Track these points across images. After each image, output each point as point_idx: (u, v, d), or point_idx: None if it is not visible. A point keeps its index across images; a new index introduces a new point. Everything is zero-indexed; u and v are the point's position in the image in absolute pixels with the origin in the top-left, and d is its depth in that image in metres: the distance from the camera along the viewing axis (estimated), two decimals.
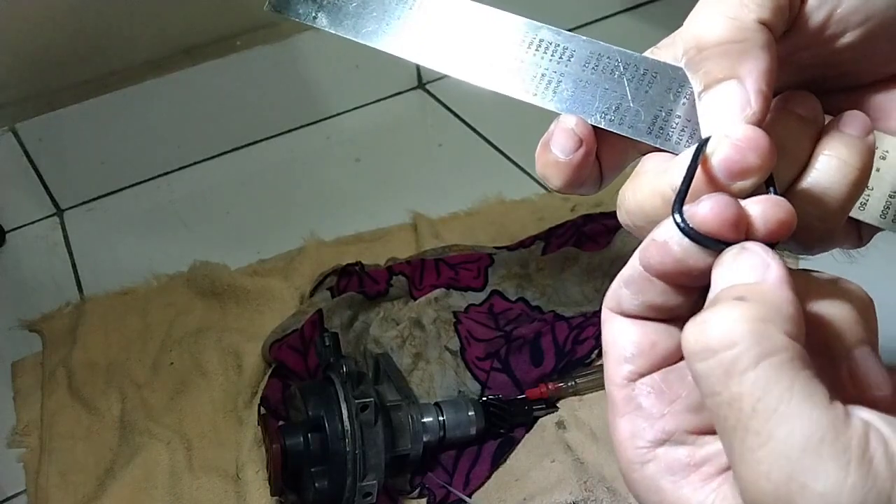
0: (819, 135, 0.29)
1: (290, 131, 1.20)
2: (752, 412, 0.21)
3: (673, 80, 0.30)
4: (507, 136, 1.14)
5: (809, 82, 0.31)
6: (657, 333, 0.27)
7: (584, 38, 0.31)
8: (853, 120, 0.29)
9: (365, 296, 0.87)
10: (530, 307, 0.87)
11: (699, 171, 0.26)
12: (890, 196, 0.30)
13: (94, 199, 1.13)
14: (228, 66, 1.11)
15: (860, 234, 0.31)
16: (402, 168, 1.11)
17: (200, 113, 1.13)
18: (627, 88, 0.30)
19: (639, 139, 0.30)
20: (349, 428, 0.67)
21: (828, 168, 0.28)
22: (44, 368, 0.90)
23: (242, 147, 1.18)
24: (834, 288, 0.26)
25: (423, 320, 0.84)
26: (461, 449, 0.76)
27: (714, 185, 0.26)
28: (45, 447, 0.82)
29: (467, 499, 0.73)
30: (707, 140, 0.27)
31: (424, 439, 0.73)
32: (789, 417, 0.21)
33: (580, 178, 0.31)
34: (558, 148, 0.32)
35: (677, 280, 0.26)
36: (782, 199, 0.25)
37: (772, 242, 0.25)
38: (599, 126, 0.31)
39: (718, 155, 0.26)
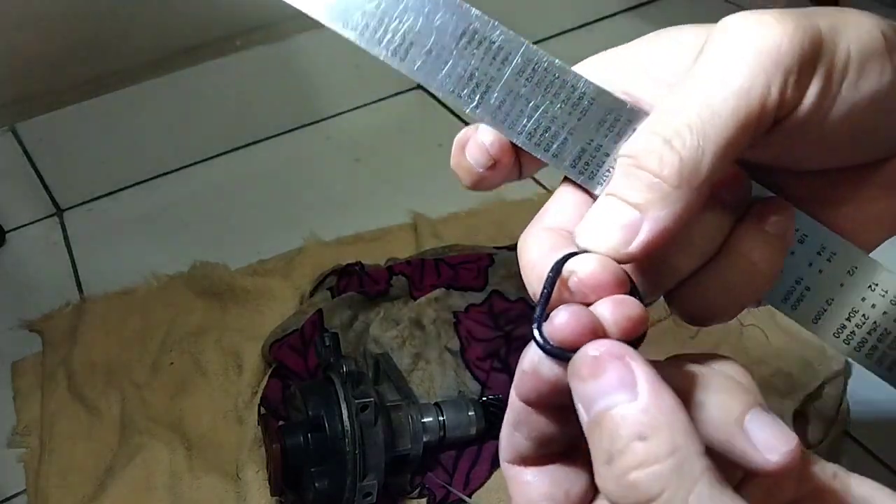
0: (734, 220, 0.28)
1: (290, 131, 1.20)
2: None
3: (610, 113, 0.27)
4: None
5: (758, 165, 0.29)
6: (567, 479, 0.26)
7: (525, 41, 0.27)
8: (775, 215, 0.27)
9: (365, 296, 0.87)
10: (531, 307, 0.87)
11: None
12: (796, 282, 0.28)
13: (94, 199, 1.13)
14: (228, 66, 1.11)
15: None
16: (402, 168, 1.11)
17: (200, 113, 1.13)
18: (560, 111, 0.27)
19: (560, 169, 0.28)
20: (349, 428, 0.67)
21: (736, 268, 0.27)
22: (44, 368, 0.90)
23: (242, 147, 1.18)
24: (706, 368, 0.26)
25: (423, 320, 0.84)
26: (461, 449, 0.76)
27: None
28: (45, 447, 0.82)
29: (467, 499, 0.73)
30: (566, 258, 0.25)
31: (424, 439, 0.73)
32: None
33: (491, 185, 0.31)
34: (472, 158, 0.31)
35: (561, 404, 0.25)
36: (628, 298, 0.25)
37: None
38: (520, 146, 0.28)
39: (573, 280, 0.25)
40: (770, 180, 0.29)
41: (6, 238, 1.09)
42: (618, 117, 0.27)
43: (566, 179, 0.29)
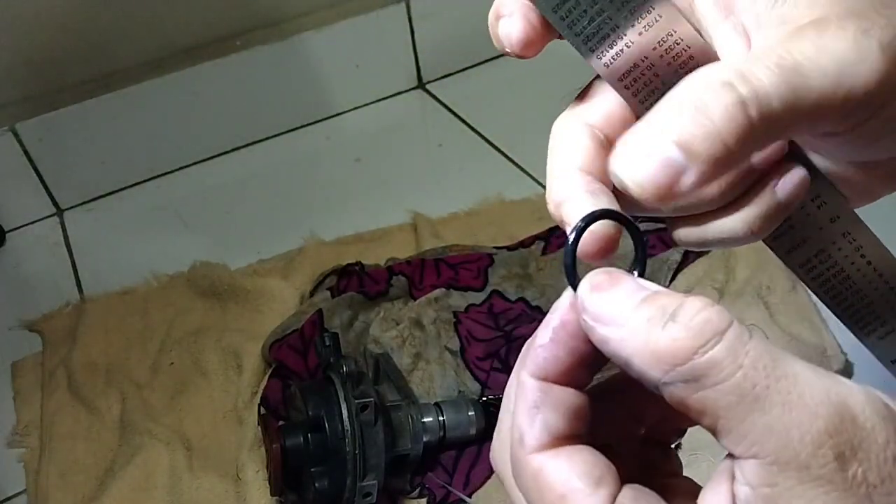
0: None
1: (290, 131, 1.20)
2: (772, 376, 0.22)
3: None
4: (507, 136, 1.14)
5: None
6: (595, 457, 0.26)
7: None
8: (789, 182, 0.28)
9: (365, 296, 0.87)
10: (530, 307, 0.87)
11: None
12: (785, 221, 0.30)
13: (94, 199, 1.13)
14: (228, 66, 1.11)
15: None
16: (402, 168, 1.11)
17: (200, 113, 1.13)
18: None
19: (572, 44, 0.29)
20: (349, 428, 0.67)
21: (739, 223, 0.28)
22: (44, 368, 0.90)
23: (242, 147, 1.18)
24: None
25: (423, 320, 0.84)
26: (461, 449, 0.76)
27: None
28: (45, 447, 0.82)
29: (467, 499, 0.73)
30: (592, 218, 0.26)
31: (424, 439, 0.73)
32: (803, 370, 0.22)
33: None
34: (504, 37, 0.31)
35: (584, 357, 0.26)
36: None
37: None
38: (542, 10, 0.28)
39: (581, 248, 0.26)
40: None
41: (6, 238, 1.09)
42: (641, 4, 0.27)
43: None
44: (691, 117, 0.23)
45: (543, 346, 0.26)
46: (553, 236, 0.93)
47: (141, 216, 1.10)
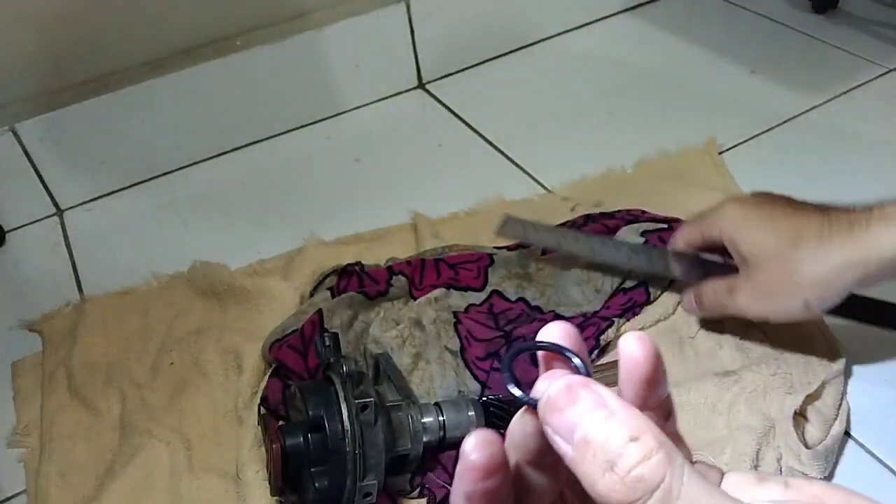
0: None
1: (290, 131, 1.20)
2: None
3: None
4: (507, 136, 1.14)
5: None
6: None
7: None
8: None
9: (365, 296, 0.87)
10: (530, 307, 0.87)
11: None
12: None
13: (94, 199, 1.13)
14: (228, 66, 1.11)
15: None
16: (402, 168, 1.11)
17: (200, 113, 1.13)
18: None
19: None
20: (349, 428, 0.67)
21: None
22: (44, 368, 0.90)
23: (242, 147, 1.18)
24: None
25: (423, 320, 0.84)
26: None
27: None
28: (45, 447, 0.82)
29: None
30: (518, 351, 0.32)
31: (424, 439, 0.73)
32: None
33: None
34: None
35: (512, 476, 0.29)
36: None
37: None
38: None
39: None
40: None
41: (6, 238, 1.09)
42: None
43: None
44: None
45: (480, 455, 0.27)
46: None
47: (141, 216, 1.10)
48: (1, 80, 1.03)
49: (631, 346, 0.28)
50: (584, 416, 0.26)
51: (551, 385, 0.27)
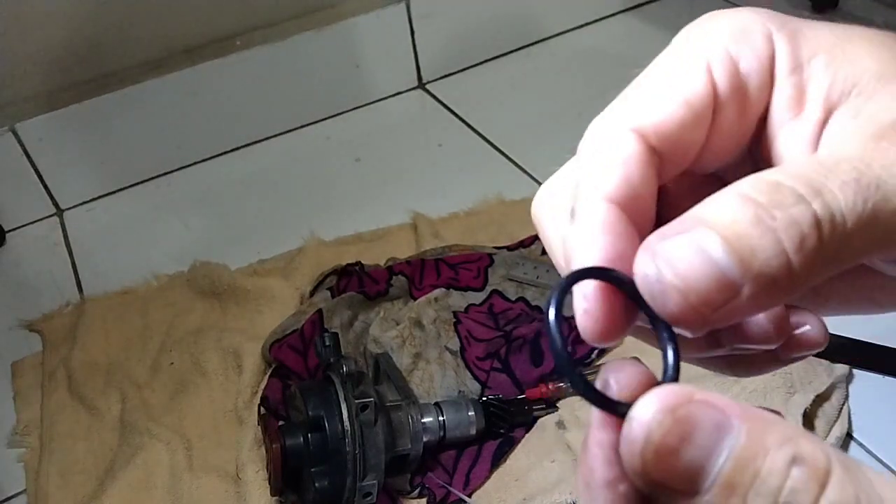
0: None
1: (290, 131, 1.20)
2: None
3: None
4: (507, 136, 1.14)
5: None
6: None
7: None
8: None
9: (365, 296, 0.87)
10: (530, 307, 0.87)
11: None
12: None
13: (94, 199, 1.13)
14: (228, 66, 1.11)
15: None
16: (402, 168, 1.11)
17: (200, 113, 1.13)
18: None
19: None
20: (349, 428, 0.67)
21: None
22: (44, 368, 0.90)
23: (242, 147, 1.18)
24: None
25: (423, 320, 0.84)
26: (461, 449, 0.76)
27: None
28: (45, 447, 0.82)
29: (467, 499, 0.73)
30: (581, 274, 0.21)
31: (424, 439, 0.73)
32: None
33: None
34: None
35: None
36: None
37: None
38: None
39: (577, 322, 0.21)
40: None
41: (6, 238, 1.09)
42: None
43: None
44: (753, 222, 0.19)
45: (607, 483, 0.20)
46: None
47: (141, 216, 1.10)
48: (1, 80, 1.03)
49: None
50: (712, 452, 0.18)
51: (640, 406, 0.19)
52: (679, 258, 0.19)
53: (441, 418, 0.74)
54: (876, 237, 0.20)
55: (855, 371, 0.77)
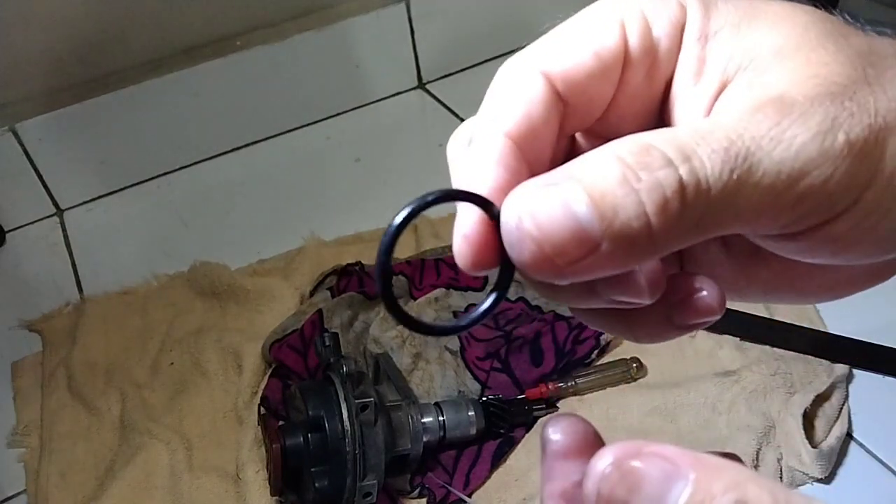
0: None
1: (290, 131, 1.20)
2: None
3: None
4: None
5: None
6: None
7: None
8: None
9: (365, 296, 0.87)
10: (530, 307, 0.87)
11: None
12: None
13: (94, 199, 1.13)
14: (228, 66, 1.11)
15: None
16: (402, 168, 1.11)
17: (200, 113, 1.13)
18: None
19: None
20: (349, 428, 0.67)
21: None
22: (44, 368, 0.90)
23: (242, 147, 1.18)
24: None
25: (423, 320, 0.84)
26: (461, 449, 0.76)
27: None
28: (45, 447, 0.82)
29: (467, 499, 0.73)
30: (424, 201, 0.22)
31: (424, 439, 0.73)
32: None
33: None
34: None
35: None
36: None
37: None
38: None
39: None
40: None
41: (6, 238, 1.09)
42: None
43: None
44: (619, 182, 0.19)
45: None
46: None
47: (141, 216, 1.10)
48: (1, 80, 1.03)
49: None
50: (660, 502, 0.18)
51: (592, 461, 0.19)
52: (541, 209, 0.20)
53: (441, 418, 0.74)
54: (739, 208, 0.20)
55: (855, 371, 0.77)
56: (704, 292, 0.23)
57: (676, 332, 0.24)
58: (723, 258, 0.26)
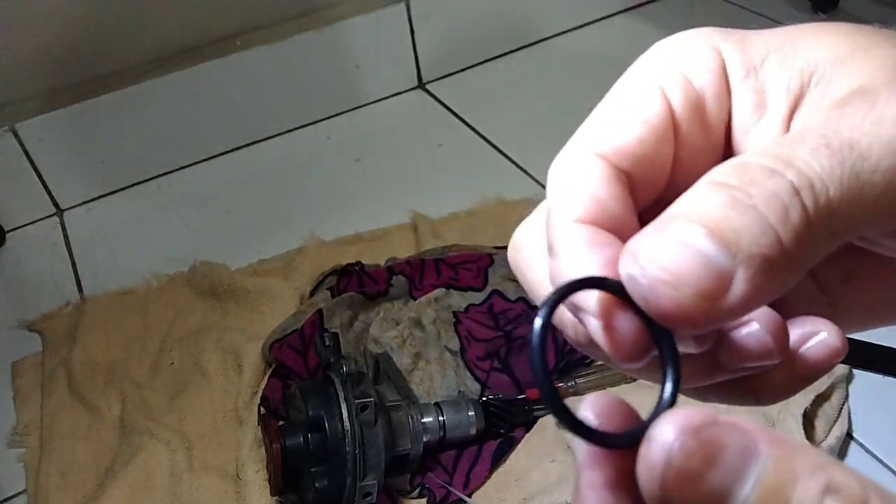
0: None
1: (290, 131, 1.20)
2: None
3: None
4: (507, 136, 1.14)
5: None
6: None
7: None
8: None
9: (365, 296, 0.87)
10: (530, 307, 0.87)
11: None
12: None
13: (94, 199, 1.13)
14: (228, 66, 1.11)
15: None
16: (402, 168, 1.11)
17: (200, 113, 1.13)
18: None
19: None
20: (349, 428, 0.67)
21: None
22: (44, 368, 0.90)
23: (242, 147, 1.18)
24: None
25: (423, 320, 0.84)
26: (461, 449, 0.76)
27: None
28: (45, 447, 0.82)
29: (467, 499, 0.73)
30: (580, 284, 0.19)
31: (424, 439, 0.73)
32: None
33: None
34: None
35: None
36: None
37: None
38: None
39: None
40: None
41: (6, 238, 1.09)
42: None
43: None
44: (729, 205, 0.18)
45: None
46: None
47: (141, 216, 1.10)
48: (1, 80, 1.03)
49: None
50: (738, 477, 0.17)
51: (661, 427, 0.17)
52: (661, 252, 0.18)
53: (441, 418, 0.74)
54: (864, 201, 0.18)
55: (855, 371, 0.77)
56: (824, 334, 0.21)
57: (803, 382, 0.22)
58: (814, 292, 0.25)
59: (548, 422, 0.77)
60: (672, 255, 0.18)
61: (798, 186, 0.18)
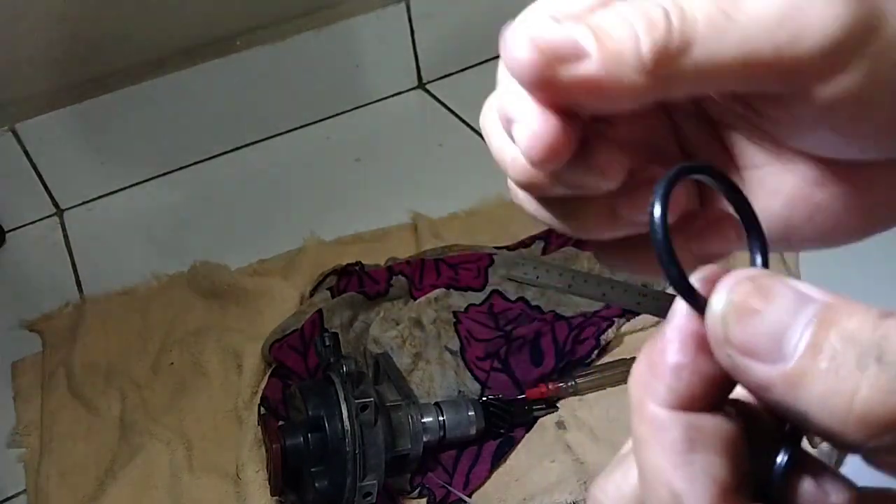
0: None
1: (290, 131, 1.20)
2: None
3: None
4: None
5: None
6: (733, 427, 0.19)
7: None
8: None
9: (365, 296, 0.87)
10: (530, 307, 0.87)
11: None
12: None
13: (94, 199, 1.13)
14: (228, 66, 1.11)
15: None
16: (402, 168, 1.11)
17: (200, 113, 1.13)
18: None
19: None
20: (349, 428, 0.67)
21: None
22: (44, 368, 0.90)
23: (242, 147, 1.18)
24: None
25: (423, 320, 0.84)
26: (461, 449, 0.76)
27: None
28: (45, 447, 0.82)
29: (467, 499, 0.73)
30: (681, 173, 0.20)
31: (424, 439, 0.73)
32: None
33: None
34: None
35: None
36: None
37: None
38: None
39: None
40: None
41: (6, 238, 1.09)
42: None
43: None
44: (612, 17, 0.21)
45: (676, 366, 0.19)
46: (553, 236, 0.93)
47: (141, 216, 1.10)
48: (1, 80, 1.03)
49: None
50: (795, 314, 0.17)
51: (726, 282, 0.18)
52: (542, 26, 0.21)
53: (441, 418, 0.74)
54: (730, 41, 0.20)
55: None
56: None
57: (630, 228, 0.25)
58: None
59: (547, 422, 0.78)
60: (553, 32, 0.20)
61: (668, 9, 0.20)
